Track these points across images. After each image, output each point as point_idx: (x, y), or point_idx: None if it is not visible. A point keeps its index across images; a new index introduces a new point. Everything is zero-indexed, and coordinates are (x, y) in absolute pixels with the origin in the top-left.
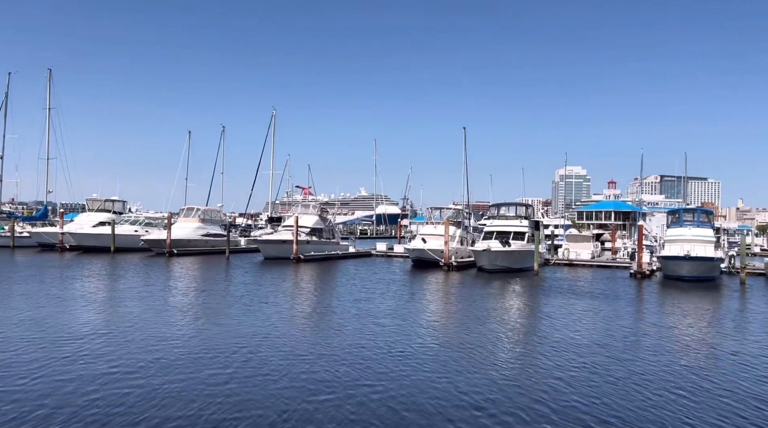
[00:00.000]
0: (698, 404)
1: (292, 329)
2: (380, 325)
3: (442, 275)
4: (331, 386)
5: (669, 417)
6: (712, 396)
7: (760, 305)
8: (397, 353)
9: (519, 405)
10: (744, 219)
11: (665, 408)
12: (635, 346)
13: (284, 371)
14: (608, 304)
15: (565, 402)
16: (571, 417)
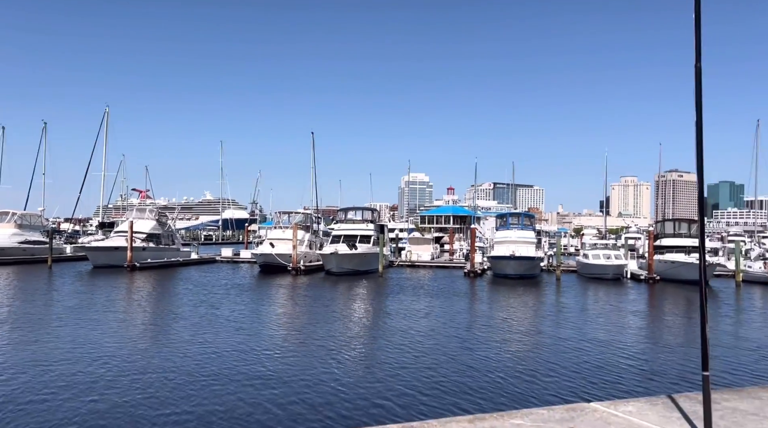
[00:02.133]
0: (513, 377)
1: (118, 340)
2: (222, 332)
3: (290, 279)
4: (162, 396)
5: (490, 387)
6: (525, 368)
7: (571, 298)
8: (244, 358)
9: (361, 397)
10: (563, 223)
11: (482, 380)
12: (467, 335)
13: (108, 383)
14: (444, 300)
15: (408, 391)
16: (403, 403)
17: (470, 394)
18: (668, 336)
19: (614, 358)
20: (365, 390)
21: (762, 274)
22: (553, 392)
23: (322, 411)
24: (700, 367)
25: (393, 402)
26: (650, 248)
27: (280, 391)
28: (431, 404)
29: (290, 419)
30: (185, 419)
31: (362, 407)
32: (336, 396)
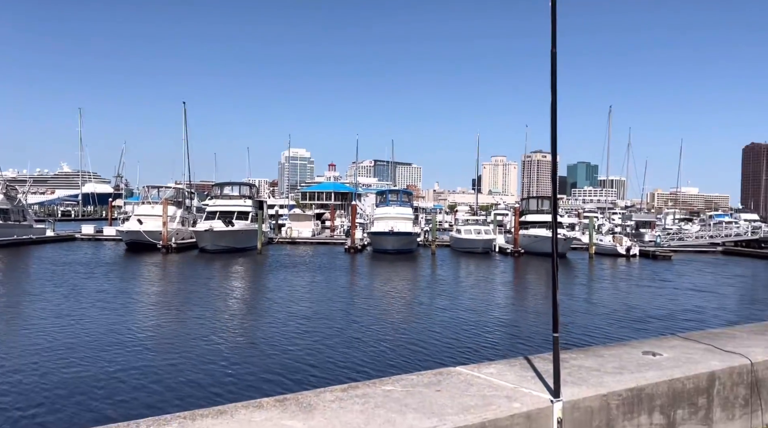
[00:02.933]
0: (397, 343)
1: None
2: (89, 312)
3: (160, 258)
4: (28, 382)
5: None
6: (403, 338)
7: (445, 270)
8: (108, 342)
9: (246, 371)
10: (439, 199)
11: (365, 350)
12: (349, 309)
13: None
14: (325, 275)
15: (294, 362)
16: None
17: (352, 364)
18: (530, 304)
19: (483, 325)
20: (249, 365)
21: (611, 246)
22: (428, 358)
23: (208, 388)
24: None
25: (281, 376)
26: (516, 224)
27: (161, 370)
28: (318, 375)
29: (176, 397)
30: (61, 402)
31: (249, 381)
32: (221, 373)
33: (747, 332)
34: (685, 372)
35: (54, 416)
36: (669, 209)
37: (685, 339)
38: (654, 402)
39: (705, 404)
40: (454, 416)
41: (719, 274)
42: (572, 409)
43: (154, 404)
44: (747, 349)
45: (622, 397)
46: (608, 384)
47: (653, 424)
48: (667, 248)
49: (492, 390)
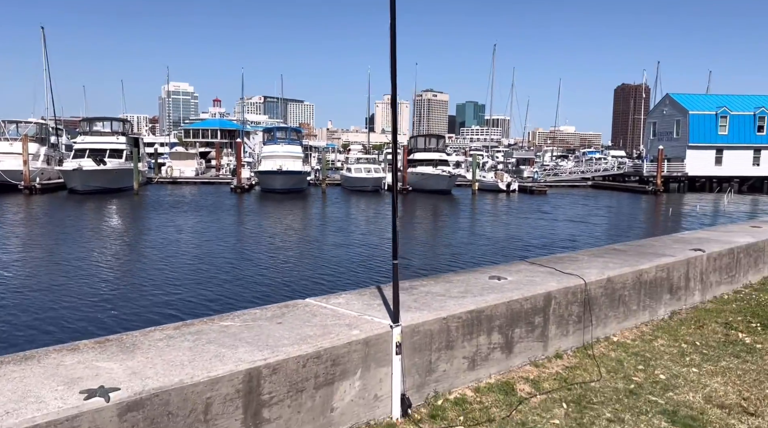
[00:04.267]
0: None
1: None
2: None
3: (22, 200)
4: None
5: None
6: (288, 271)
7: (335, 208)
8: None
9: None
10: (332, 138)
11: (247, 286)
12: (230, 247)
13: None
14: (209, 216)
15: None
16: None
17: (235, 300)
18: (409, 237)
19: (360, 258)
20: (124, 303)
21: (492, 182)
22: (298, 291)
23: (85, 325)
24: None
25: (158, 313)
26: (404, 162)
27: (35, 312)
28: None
29: (55, 339)
30: None
31: (125, 318)
32: (97, 310)
33: (588, 255)
34: (524, 293)
35: None
36: (547, 146)
37: (532, 263)
38: (493, 323)
39: (541, 322)
40: (289, 347)
41: (588, 206)
42: (412, 333)
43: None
44: (584, 270)
45: (462, 320)
46: (450, 307)
47: (492, 343)
48: (543, 184)
49: (335, 320)
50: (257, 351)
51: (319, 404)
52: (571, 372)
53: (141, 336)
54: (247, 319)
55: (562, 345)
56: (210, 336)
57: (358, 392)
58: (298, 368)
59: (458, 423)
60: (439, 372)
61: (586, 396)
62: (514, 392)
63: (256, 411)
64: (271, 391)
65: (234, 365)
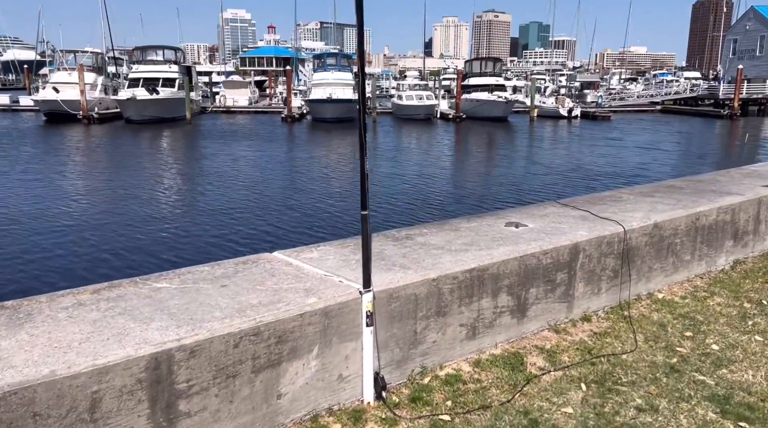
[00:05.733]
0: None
1: None
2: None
3: (81, 129)
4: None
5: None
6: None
7: (386, 138)
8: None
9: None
10: (389, 65)
11: (302, 220)
12: (280, 179)
13: None
14: (259, 146)
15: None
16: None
17: (283, 233)
18: (465, 168)
19: (412, 190)
20: (186, 234)
21: (553, 108)
22: (347, 225)
23: (153, 254)
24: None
25: (217, 246)
26: (458, 88)
27: (99, 239)
28: (251, 244)
29: (127, 265)
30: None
31: (192, 248)
32: (157, 241)
33: (635, 194)
34: (543, 245)
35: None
36: (616, 69)
37: (564, 205)
38: (500, 282)
39: (565, 279)
40: (219, 322)
41: (656, 132)
42: (389, 299)
43: (67, 276)
44: (625, 214)
45: (458, 280)
46: (444, 265)
47: (498, 307)
48: (608, 109)
49: (294, 282)
50: (174, 328)
51: (260, 390)
52: (599, 339)
53: (46, 302)
54: (187, 280)
55: (591, 305)
56: (129, 304)
57: (315, 373)
58: (227, 348)
59: (444, 409)
60: (427, 344)
61: (613, 373)
62: (523, 366)
63: (169, 404)
64: (190, 378)
65: (134, 348)
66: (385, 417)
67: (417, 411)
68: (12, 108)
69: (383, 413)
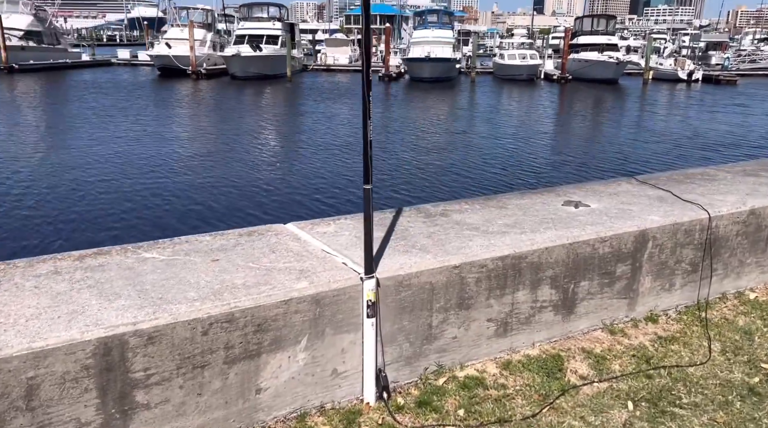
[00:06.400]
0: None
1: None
2: (124, 139)
3: (190, 84)
4: (78, 208)
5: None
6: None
7: (483, 99)
8: (157, 163)
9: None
10: (497, 23)
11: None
12: (376, 139)
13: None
14: (352, 104)
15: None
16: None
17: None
18: (567, 132)
19: (506, 156)
20: (282, 189)
21: (671, 71)
22: (435, 191)
23: (246, 209)
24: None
25: (317, 203)
26: (565, 47)
27: (202, 194)
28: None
29: (228, 216)
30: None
31: (282, 204)
32: (255, 195)
33: (733, 172)
34: (601, 231)
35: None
36: (750, 28)
37: (641, 183)
38: (542, 273)
39: (628, 272)
40: (187, 305)
41: None
42: (398, 287)
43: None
44: (714, 197)
45: (487, 269)
46: (472, 250)
47: (538, 301)
48: (734, 72)
49: (292, 260)
50: (136, 309)
51: (234, 384)
52: (664, 345)
53: (23, 267)
54: (181, 250)
55: (660, 303)
56: (105, 275)
57: (304, 367)
58: (194, 336)
59: (454, 418)
60: (444, 340)
61: (673, 390)
62: (561, 373)
63: (123, 394)
64: (149, 367)
65: (80, 331)
66: (381, 423)
67: (421, 418)
68: (131, 62)
69: (381, 416)
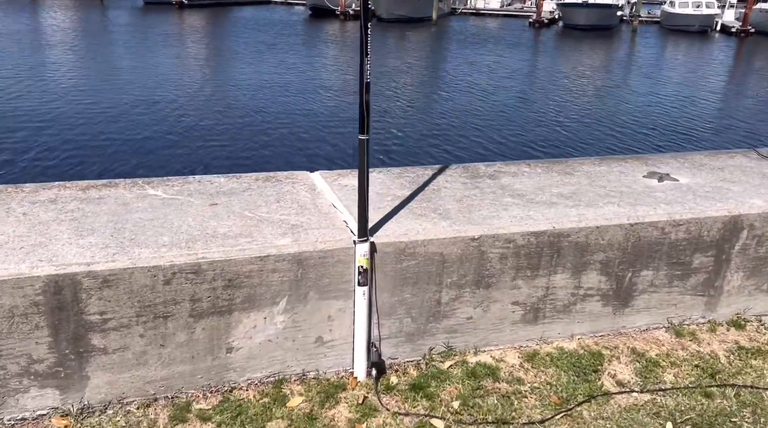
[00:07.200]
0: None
1: (178, 77)
2: (271, 81)
3: (337, 25)
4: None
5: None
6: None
7: (646, 51)
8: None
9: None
10: None
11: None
12: (519, 88)
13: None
14: (500, 51)
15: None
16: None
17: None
18: (732, 93)
19: (658, 117)
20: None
21: None
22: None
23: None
24: None
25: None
26: None
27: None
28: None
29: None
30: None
31: (420, 149)
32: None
33: None
34: (675, 212)
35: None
36: None
37: (763, 157)
38: (589, 256)
39: (709, 264)
40: (151, 250)
41: None
42: (399, 256)
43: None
44: None
45: (515, 245)
46: (501, 221)
47: (582, 288)
48: None
49: (291, 213)
50: (99, 249)
51: (202, 339)
52: (743, 358)
53: (27, 192)
54: (186, 190)
55: (753, 306)
56: (95, 209)
57: (283, 330)
58: (154, 284)
59: (446, 410)
60: (456, 319)
61: (734, 416)
62: (596, 374)
63: (77, 336)
64: (105, 311)
65: (30, 266)
66: (361, 402)
67: (409, 404)
68: (287, 2)
69: (363, 394)
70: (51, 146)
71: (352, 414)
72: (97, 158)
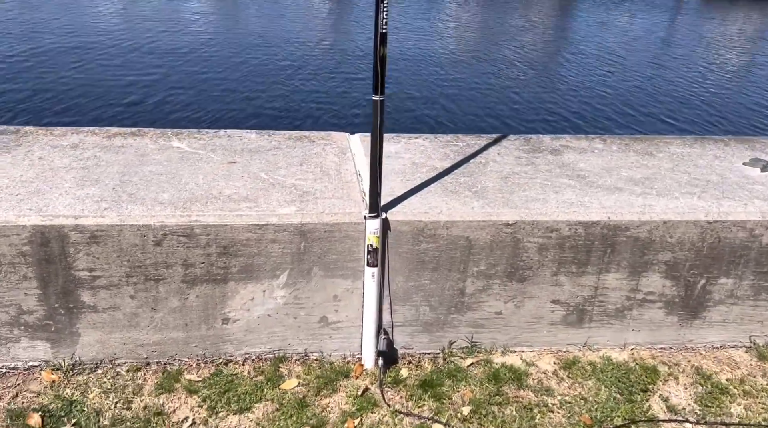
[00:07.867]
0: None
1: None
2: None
3: None
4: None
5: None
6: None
7: None
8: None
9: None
10: None
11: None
12: (661, 53)
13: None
14: (636, 10)
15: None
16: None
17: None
18: None
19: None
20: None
21: None
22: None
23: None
24: None
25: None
26: None
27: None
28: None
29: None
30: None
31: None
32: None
33: None
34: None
35: None
36: None
37: None
38: (652, 255)
39: None
40: (143, 207)
41: None
42: (417, 236)
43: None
44: None
45: (559, 234)
46: (546, 206)
47: (641, 291)
48: None
49: (308, 178)
50: (93, 201)
51: (196, 306)
52: None
53: (56, 135)
54: (211, 145)
55: None
56: (112, 158)
57: (284, 306)
58: (144, 244)
59: (452, 415)
60: (482, 313)
61: None
62: (645, 394)
63: (66, 291)
64: (93, 268)
65: (17, 214)
66: (361, 394)
67: (413, 402)
68: None
69: (365, 385)
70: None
71: (347, 406)
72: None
